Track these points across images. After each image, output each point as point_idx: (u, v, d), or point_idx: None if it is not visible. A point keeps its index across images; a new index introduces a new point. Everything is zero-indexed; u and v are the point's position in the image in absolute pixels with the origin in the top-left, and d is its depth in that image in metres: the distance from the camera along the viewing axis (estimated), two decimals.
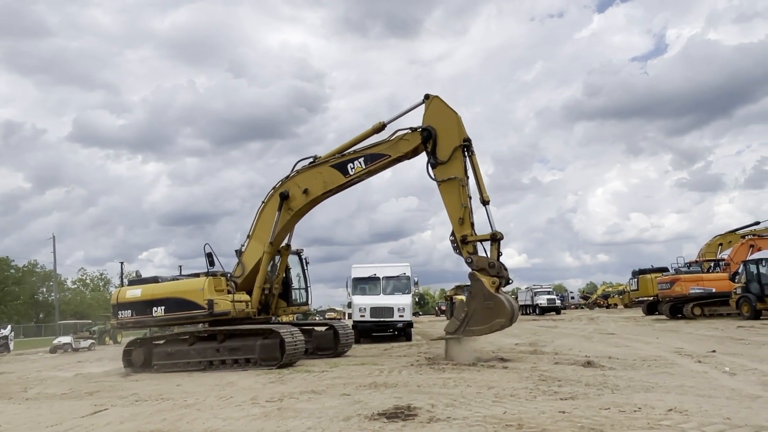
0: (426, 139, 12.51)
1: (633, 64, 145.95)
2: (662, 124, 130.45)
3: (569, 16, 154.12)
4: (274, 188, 14.39)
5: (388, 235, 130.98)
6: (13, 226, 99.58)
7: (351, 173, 13.46)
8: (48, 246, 54.69)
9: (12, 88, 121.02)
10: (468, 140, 12.32)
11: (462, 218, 12.01)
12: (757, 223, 33.52)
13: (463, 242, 11.96)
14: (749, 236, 31.24)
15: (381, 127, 13.45)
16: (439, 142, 12.42)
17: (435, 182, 12.44)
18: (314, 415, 6.77)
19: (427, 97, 12.81)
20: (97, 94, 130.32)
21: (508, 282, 11.88)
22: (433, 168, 12.50)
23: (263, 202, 14.52)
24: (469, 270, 11.80)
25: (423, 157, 12.87)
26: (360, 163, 13.37)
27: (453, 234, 12.16)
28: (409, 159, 13.30)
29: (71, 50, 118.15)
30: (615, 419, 5.74)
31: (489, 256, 11.84)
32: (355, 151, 13.56)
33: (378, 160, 13.21)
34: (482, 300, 11.39)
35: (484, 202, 12.24)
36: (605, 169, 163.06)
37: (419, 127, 12.67)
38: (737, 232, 33.30)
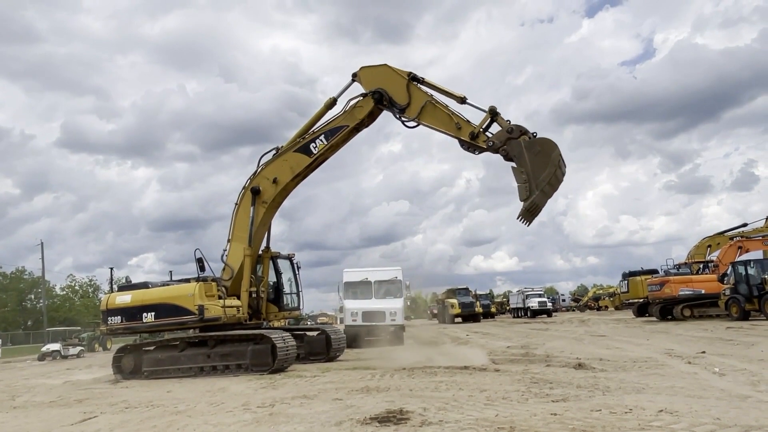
0: (379, 100, 13.08)
1: (622, 68, 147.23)
2: (650, 127, 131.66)
3: (559, 21, 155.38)
4: (244, 188, 14.61)
5: (380, 238, 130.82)
6: (0, 232, 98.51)
7: (315, 152, 13.86)
8: (36, 252, 54.09)
9: (0, 94, 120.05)
10: (410, 73, 12.84)
11: (457, 123, 12.35)
12: (745, 224, 33.82)
13: (474, 138, 12.15)
14: (737, 238, 31.51)
15: (332, 103, 13.88)
16: (392, 95, 12.97)
17: (415, 123, 12.83)
18: (306, 421, 6.74)
19: (354, 75, 13.47)
20: (87, 100, 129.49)
21: (534, 134, 11.85)
22: (403, 114, 12.93)
23: (236, 203, 14.66)
24: (500, 155, 11.92)
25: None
26: (321, 140, 13.79)
27: (461, 142, 12.41)
28: (367, 126, 13.83)
29: (61, 56, 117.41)
30: (606, 421, 5.76)
31: (498, 131, 11.99)
32: (314, 131, 13.97)
33: (338, 132, 13.64)
34: (528, 151, 11.49)
35: (462, 101, 12.61)
36: (595, 173, 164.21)
37: (369, 92, 13.17)
38: (725, 234, 33.57)
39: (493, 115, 12.12)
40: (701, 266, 31.03)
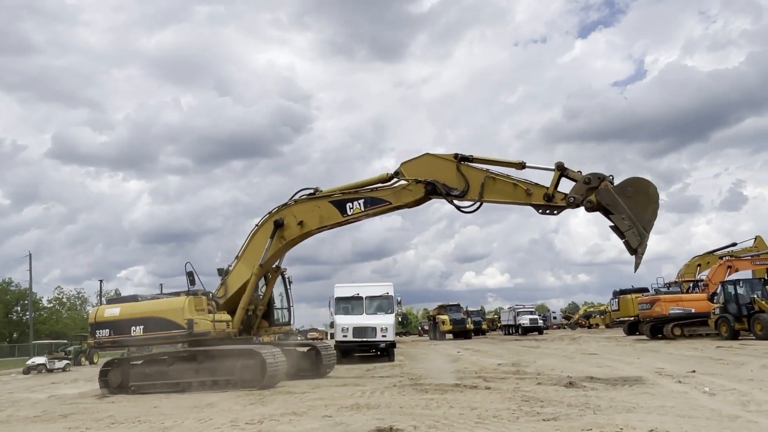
0: (432, 192, 12.42)
1: (613, 88, 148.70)
2: (640, 146, 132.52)
3: (552, 42, 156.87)
4: (269, 213, 14.13)
5: (371, 254, 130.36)
6: None
7: (349, 213, 13.32)
8: (24, 264, 53.49)
9: None
10: (456, 154, 12.27)
11: (527, 189, 11.75)
12: (734, 244, 34.14)
13: (549, 200, 11.60)
14: (727, 257, 31.75)
15: (388, 179, 13.20)
16: (445, 182, 12.29)
17: (477, 205, 12.22)
18: None
19: (396, 173, 12.94)
20: (81, 112, 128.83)
21: (611, 177, 11.33)
22: (462, 198, 12.26)
23: (257, 225, 14.27)
24: (584, 209, 11.42)
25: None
26: (359, 204, 13.23)
27: (536, 208, 11.86)
28: (410, 208, 13.18)
29: (57, 68, 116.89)
30: None
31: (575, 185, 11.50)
32: (356, 191, 13.41)
33: (378, 205, 13.10)
34: (622, 196, 11.00)
35: (522, 167, 11.95)
36: None
37: (423, 180, 12.48)
38: (715, 253, 33.83)
39: (562, 170, 11.53)
40: (691, 285, 31.19)
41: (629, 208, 11.02)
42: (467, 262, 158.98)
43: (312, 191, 13.98)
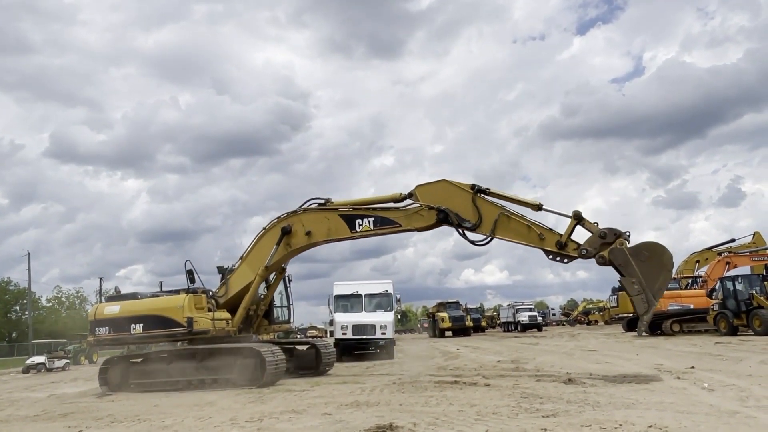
0: (444, 220, 12.30)
1: (612, 85, 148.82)
2: (639, 143, 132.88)
3: (550, 39, 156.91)
4: (278, 218, 14.02)
5: (371, 252, 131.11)
6: None
7: (357, 230, 13.16)
8: (23, 263, 53.45)
9: None
10: (473, 185, 12.18)
11: (540, 234, 11.67)
12: (733, 240, 34.29)
13: (562, 248, 11.50)
14: (725, 253, 31.84)
15: (401, 199, 13.05)
16: (458, 212, 12.18)
17: (488, 238, 12.08)
18: None
19: (410, 194, 12.79)
20: (79, 111, 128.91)
21: (628, 233, 11.20)
22: (472, 231, 12.15)
23: (264, 228, 14.21)
24: (594, 261, 11.26)
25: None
26: (369, 222, 13.09)
27: (547, 253, 11.78)
28: (419, 232, 13.14)
29: (54, 67, 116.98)
30: None
31: (589, 237, 11.37)
32: (367, 208, 13.29)
33: (388, 225, 12.98)
34: (636, 259, 10.83)
35: (538, 208, 11.86)
36: (585, 188, 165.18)
37: (436, 207, 12.37)
38: (713, 250, 33.94)
39: (578, 220, 11.43)
40: (690, 281, 31.26)
41: (641, 272, 10.81)
42: (466, 260, 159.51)
43: (323, 201, 13.84)
